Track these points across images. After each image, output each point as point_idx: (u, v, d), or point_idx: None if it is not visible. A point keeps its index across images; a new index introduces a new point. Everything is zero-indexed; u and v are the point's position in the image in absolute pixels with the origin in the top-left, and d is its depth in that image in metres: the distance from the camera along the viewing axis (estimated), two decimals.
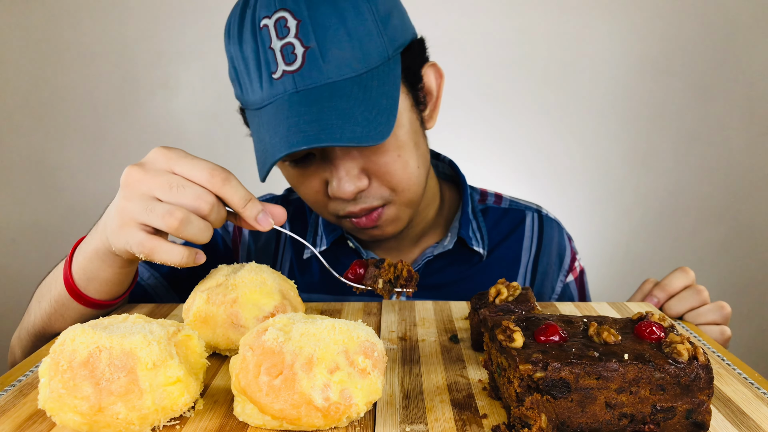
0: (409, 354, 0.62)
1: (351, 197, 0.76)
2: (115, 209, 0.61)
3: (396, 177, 0.77)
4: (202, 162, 0.59)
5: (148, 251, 0.59)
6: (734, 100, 1.96)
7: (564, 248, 1.01)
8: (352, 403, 0.46)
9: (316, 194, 0.80)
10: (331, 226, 0.94)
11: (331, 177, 0.76)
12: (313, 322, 0.49)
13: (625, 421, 0.46)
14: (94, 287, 0.69)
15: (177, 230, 0.57)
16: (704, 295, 0.76)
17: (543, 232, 1.00)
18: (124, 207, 0.59)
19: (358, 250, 0.93)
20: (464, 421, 0.48)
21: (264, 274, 0.63)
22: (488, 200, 1.02)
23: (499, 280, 0.64)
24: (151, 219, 0.58)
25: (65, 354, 0.45)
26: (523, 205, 1.03)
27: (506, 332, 0.48)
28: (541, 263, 0.99)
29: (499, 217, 1.00)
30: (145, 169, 0.59)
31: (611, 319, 0.52)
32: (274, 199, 1.04)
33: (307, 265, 0.96)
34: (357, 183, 0.75)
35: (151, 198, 0.58)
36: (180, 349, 0.49)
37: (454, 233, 0.94)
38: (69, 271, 0.69)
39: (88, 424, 0.45)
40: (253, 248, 0.98)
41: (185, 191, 0.58)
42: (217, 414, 0.49)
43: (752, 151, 2.00)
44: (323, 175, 0.77)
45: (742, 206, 2.04)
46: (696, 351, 0.45)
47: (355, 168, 0.75)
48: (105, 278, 0.68)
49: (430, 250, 0.94)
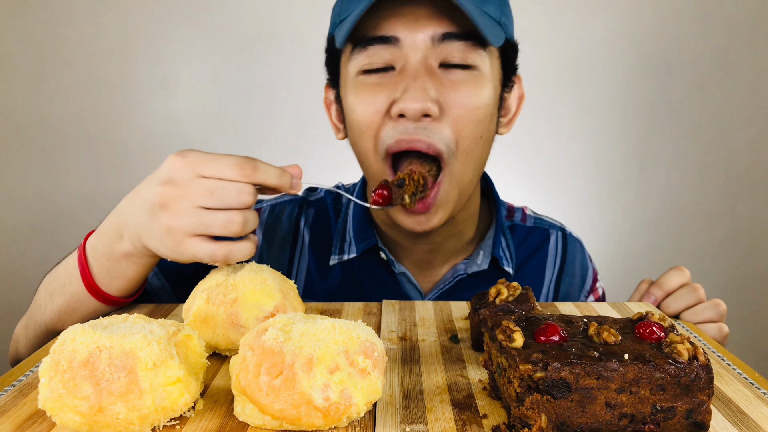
0: (409, 354, 0.62)
1: (416, 115, 0.71)
2: (163, 229, 0.60)
3: (466, 124, 0.74)
4: (224, 157, 0.60)
5: (223, 257, 0.60)
6: (734, 100, 1.96)
7: (586, 269, 1.00)
8: (352, 403, 0.46)
9: (374, 114, 0.75)
10: (363, 234, 0.90)
11: (405, 89, 0.72)
12: (313, 322, 0.49)
13: (625, 421, 0.46)
14: (118, 285, 0.70)
15: (241, 233, 0.59)
16: (700, 292, 0.76)
17: (566, 252, 0.98)
18: (174, 225, 0.59)
19: (390, 263, 0.89)
20: (464, 421, 0.48)
21: (264, 274, 0.63)
22: (515, 217, 1.00)
23: (499, 280, 0.64)
24: (212, 230, 0.59)
25: (65, 354, 0.45)
26: (547, 224, 1.01)
27: (506, 332, 0.48)
28: (563, 283, 0.97)
29: (525, 236, 0.98)
30: (175, 184, 0.59)
31: (611, 319, 0.52)
32: (293, 200, 0.99)
33: (329, 271, 0.92)
34: (429, 103, 0.71)
35: (198, 209, 0.59)
36: (180, 349, 0.49)
37: (487, 252, 0.91)
38: (87, 270, 0.69)
39: (88, 424, 0.45)
40: (266, 252, 0.95)
41: (227, 192, 0.59)
42: (217, 414, 0.49)
43: (752, 151, 2.00)
44: (394, 92, 0.73)
45: (742, 206, 2.04)
46: (696, 351, 0.45)
47: (432, 90, 0.72)
48: (131, 277, 0.69)
49: (462, 266, 0.90)
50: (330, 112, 0.89)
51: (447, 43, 0.72)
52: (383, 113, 0.74)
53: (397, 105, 0.72)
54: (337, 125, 0.89)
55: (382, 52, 0.73)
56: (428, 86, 0.72)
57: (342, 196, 0.96)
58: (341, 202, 0.96)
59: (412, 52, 0.72)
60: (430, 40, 0.72)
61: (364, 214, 0.92)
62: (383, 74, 0.74)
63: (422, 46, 0.72)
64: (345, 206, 0.94)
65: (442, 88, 0.73)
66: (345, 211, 0.94)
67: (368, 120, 0.76)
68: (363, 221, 0.91)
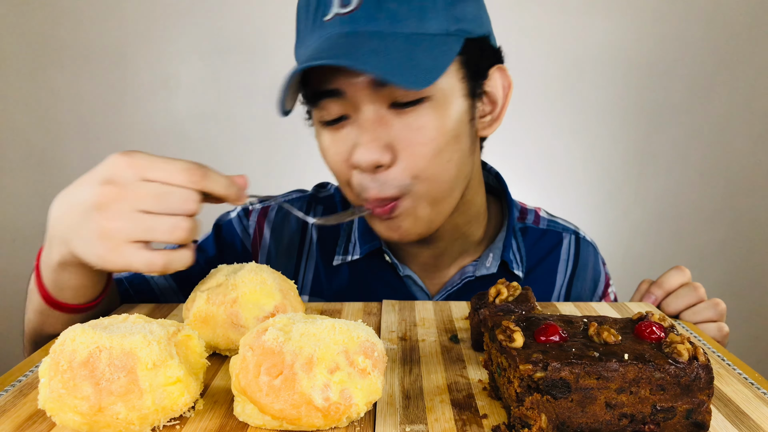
0: (409, 354, 0.62)
1: (368, 168, 0.71)
2: (96, 233, 0.56)
3: (422, 161, 0.71)
4: (173, 162, 0.56)
5: (162, 267, 0.57)
6: (734, 100, 1.96)
7: (599, 273, 0.99)
8: (352, 403, 0.46)
9: (341, 163, 0.74)
10: (368, 236, 0.89)
11: (355, 144, 0.71)
12: (313, 322, 0.49)
13: (625, 421, 0.46)
14: (69, 295, 0.67)
15: (186, 240, 0.56)
16: (701, 292, 0.76)
17: (579, 256, 0.96)
18: (111, 228, 0.55)
19: (395, 265, 0.88)
20: (464, 421, 0.48)
21: (264, 274, 0.63)
22: (528, 219, 0.98)
23: (499, 280, 0.64)
24: (155, 236, 0.55)
25: (65, 354, 0.45)
26: (561, 226, 0.99)
27: (506, 332, 0.48)
28: (575, 287, 0.96)
29: (537, 239, 0.96)
30: (116, 184, 0.55)
31: (611, 319, 0.52)
32: (303, 197, 0.97)
33: (337, 272, 0.91)
34: (378, 154, 0.70)
35: (139, 213, 0.55)
36: (180, 349, 0.49)
37: (497, 255, 0.89)
38: (41, 283, 0.67)
39: (88, 424, 0.45)
40: (274, 252, 0.93)
41: (173, 197, 0.55)
42: (217, 414, 0.49)
43: (752, 151, 2.00)
44: (352, 141, 0.72)
45: (742, 206, 2.04)
46: (696, 351, 0.45)
47: (383, 139, 0.70)
48: (77, 285, 0.67)
49: (470, 269, 0.89)
50: None
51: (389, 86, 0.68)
52: (347, 164, 0.74)
53: (351, 158, 0.72)
54: None
55: (332, 106, 0.72)
56: (379, 135, 0.70)
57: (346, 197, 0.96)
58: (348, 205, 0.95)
59: (358, 102, 0.70)
60: (370, 87, 0.69)
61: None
62: (341, 124, 0.74)
63: (365, 93, 0.70)
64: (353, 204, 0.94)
65: (392, 131, 0.70)
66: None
67: (337, 169, 0.76)
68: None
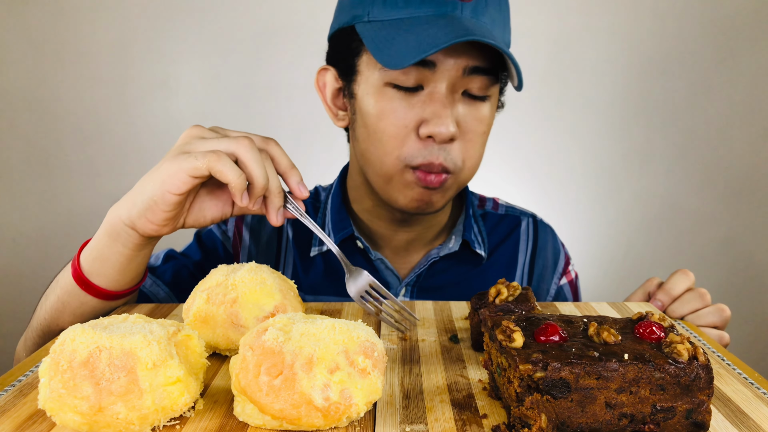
0: (409, 354, 0.62)
1: (444, 139, 0.77)
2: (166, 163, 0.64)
3: (472, 148, 0.81)
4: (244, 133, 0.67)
5: (212, 161, 0.61)
6: (734, 100, 1.96)
7: (558, 252, 1.05)
8: (352, 403, 0.46)
9: (403, 128, 0.78)
10: (341, 224, 0.93)
11: (434, 115, 0.76)
12: (313, 322, 0.49)
13: (625, 421, 0.46)
14: (101, 271, 0.70)
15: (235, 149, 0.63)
16: (707, 297, 0.77)
17: (538, 236, 1.04)
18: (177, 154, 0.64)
19: (366, 250, 0.93)
20: (464, 421, 0.48)
21: (264, 273, 0.63)
22: (487, 206, 1.06)
23: (499, 280, 0.64)
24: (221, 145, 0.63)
25: (65, 354, 0.45)
26: (518, 211, 1.06)
27: (506, 332, 0.48)
28: (537, 266, 1.02)
29: (496, 222, 1.03)
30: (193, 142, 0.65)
31: (611, 319, 0.52)
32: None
33: (312, 264, 0.96)
34: (455, 129, 0.77)
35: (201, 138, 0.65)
36: (180, 349, 0.49)
37: (458, 236, 0.96)
38: (77, 261, 0.71)
39: (88, 424, 0.45)
40: (254, 251, 0.98)
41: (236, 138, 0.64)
42: (217, 414, 0.49)
43: (752, 152, 2.00)
44: (423, 113, 0.77)
45: (742, 206, 2.04)
46: (696, 351, 0.45)
47: (455, 117, 0.78)
48: (114, 260, 0.69)
49: (435, 251, 0.95)
50: (325, 94, 0.90)
51: (473, 76, 0.77)
52: (412, 129, 0.78)
53: (426, 127, 0.77)
54: (335, 112, 0.89)
55: (416, 73, 0.76)
56: (453, 113, 0.77)
57: (320, 193, 1.02)
58: (319, 199, 1.01)
59: (444, 79, 0.76)
60: (462, 70, 0.76)
61: (341, 206, 0.96)
62: (412, 93, 0.78)
63: (454, 75, 0.76)
64: (323, 202, 0.99)
65: (460, 115, 0.79)
66: (324, 205, 0.99)
67: (395, 132, 0.79)
68: (341, 212, 0.95)
